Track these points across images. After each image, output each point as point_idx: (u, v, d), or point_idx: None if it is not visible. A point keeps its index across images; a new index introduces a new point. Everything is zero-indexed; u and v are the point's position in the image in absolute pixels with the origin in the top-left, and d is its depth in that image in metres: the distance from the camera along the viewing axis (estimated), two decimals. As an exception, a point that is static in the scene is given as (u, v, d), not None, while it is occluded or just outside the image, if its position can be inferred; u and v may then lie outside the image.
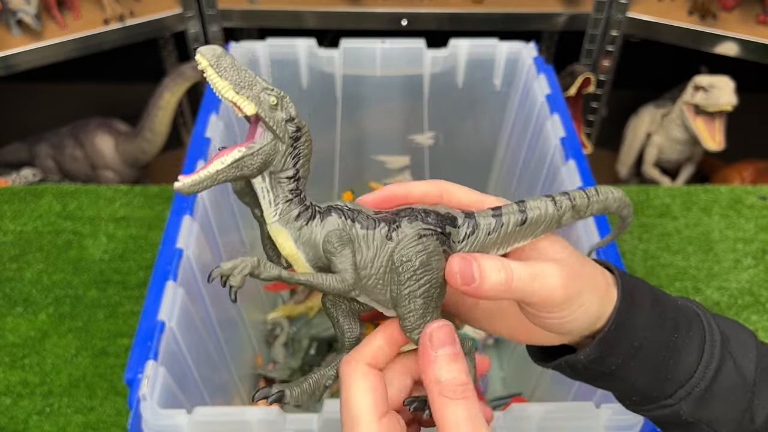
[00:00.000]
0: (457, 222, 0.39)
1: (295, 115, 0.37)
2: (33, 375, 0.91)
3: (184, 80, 1.36)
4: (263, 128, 0.36)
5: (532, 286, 0.37)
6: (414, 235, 0.38)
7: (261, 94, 0.35)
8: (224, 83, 0.34)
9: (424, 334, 0.37)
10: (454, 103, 1.05)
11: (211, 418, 0.55)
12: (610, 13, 1.44)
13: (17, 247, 1.07)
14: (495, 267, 0.37)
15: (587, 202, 0.41)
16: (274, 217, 0.37)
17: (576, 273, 0.38)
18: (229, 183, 0.37)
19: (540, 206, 0.40)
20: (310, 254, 0.37)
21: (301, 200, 0.38)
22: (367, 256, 0.38)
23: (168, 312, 0.61)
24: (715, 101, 1.36)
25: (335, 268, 0.37)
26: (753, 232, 1.11)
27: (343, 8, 1.44)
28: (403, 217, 0.38)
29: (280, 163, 0.37)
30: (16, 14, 1.32)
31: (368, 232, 0.38)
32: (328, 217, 0.38)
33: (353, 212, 0.38)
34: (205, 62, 0.34)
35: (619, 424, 0.55)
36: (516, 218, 0.40)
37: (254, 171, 0.36)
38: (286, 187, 0.37)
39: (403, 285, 0.38)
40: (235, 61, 0.35)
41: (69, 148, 1.47)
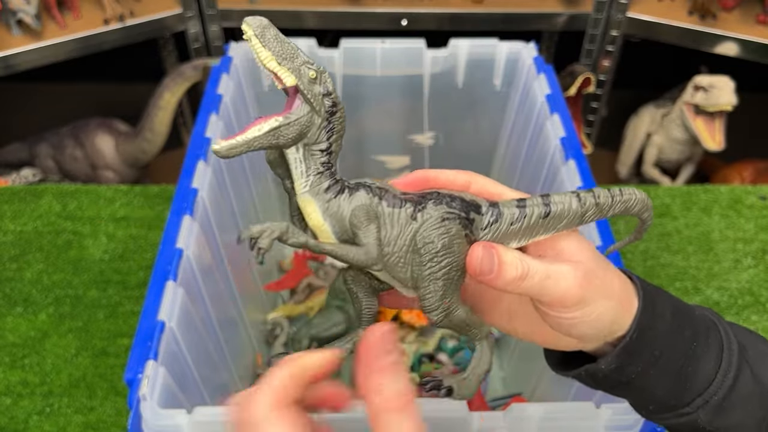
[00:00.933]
0: (481, 209, 0.40)
1: (332, 90, 0.38)
2: (33, 375, 0.91)
3: (184, 80, 1.36)
4: (301, 100, 0.37)
5: (546, 285, 0.37)
6: (438, 217, 0.38)
7: (302, 67, 0.36)
8: (267, 53, 0.35)
9: (363, 341, 0.36)
10: (454, 103, 1.05)
11: (211, 418, 0.54)
12: (610, 13, 1.44)
13: (17, 247, 1.07)
14: (513, 261, 0.38)
15: (611, 201, 0.42)
16: (304, 188, 0.38)
17: (592, 277, 0.38)
18: (258, 154, 0.39)
19: (564, 201, 0.41)
20: (336, 227, 0.38)
21: (332, 174, 0.38)
22: (391, 233, 0.38)
23: (168, 312, 0.61)
24: (715, 101, 1.36)
25: (359, 241, 0.38)
26: (753, 232, 1.11)
27: (343, 8, 1.44)
28: (429, 199, 0.39)
29: (315, 135, 0.37)
30: (16, 14, 1.32)
31: (394, 210, 0.38)
32: (356, 193, 0.38)
33: (381, 190, 0.39)
34: (250, 31, 0.35)
35: (619, 424, 0.55)
36: (539, 211, 0.40)
37: (289, 141, 0.37)
38: (319, 159, 0.38)
39: (425, 266, 0.38)
40: (279, 33, 0.36)
41: (69, 148, 1.47)
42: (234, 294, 0.85)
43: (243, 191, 0.93)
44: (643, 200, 0.42)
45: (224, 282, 0.81)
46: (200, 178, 0.75)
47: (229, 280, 0.83)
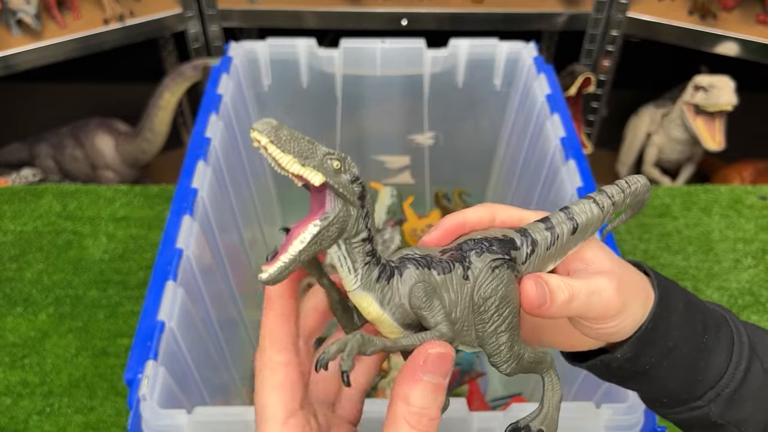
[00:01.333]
0: (516, 243, 0.39)
1: (358, 174, 0.35)
2: (33, 375, 0.91)
3: (184, 80, 1.36)
4: (332, 195, 0.34)
5: (591, 302, 0.37)
6: (487, 269, 0.37)
7: (325, 161, 0.34)
8: (288, 157, 0.33)
9: (422, 350, 0.34)
10: (454, 103, 1.05)
11: (211, 418, 0.55)
12: (610, 13, 1.44)
13: (17, 247, 1.07)
14: (559, 285, 0.37)
15: (623, 196, 0.42)
16: (355, 284, 0.36)
17: (624, 282, 0.38)
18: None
19: (585, 210, 0.41)
20: (396, 314, 0.36)
21: (378, 260, 0.36)
22: (450, 301, 0.37)
23: (168, 312, 0.61)
24: (715, 101, 1.36)
25: (427, 323, 0.36)
26: (753, 232, 1.11)
27: (343, 8, 1.44)
28: (469, 251, 0.38)
29: (354, 227, 0.35)
30: (16, 14, 1.32)
31: (446, 277, 0.37)
32: (405, 271, 0.36)
33: (425, 259, 0.37)
34: (264, 139, 0.32)
35: (619, 424, 0.55)
36: (568, 227, 0.40)
37: (331, 242, 0.35)
38: (363, 250, 0.36)
39: (488, 323, 0.37)
40: (291, 130, 0.34)
41: (69, 148, 1.47)
42: (234, 294, 0.85)
43: (243, 191, 0.93)
44: (646, 185, 0.43)
45: (224, 282, 0.81)
46: (200, 178, 0.75)
47: (229, 280, 0.83)
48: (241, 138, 0.93)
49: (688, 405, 0.40)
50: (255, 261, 0.97)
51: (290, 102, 1.05)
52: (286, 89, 1.02)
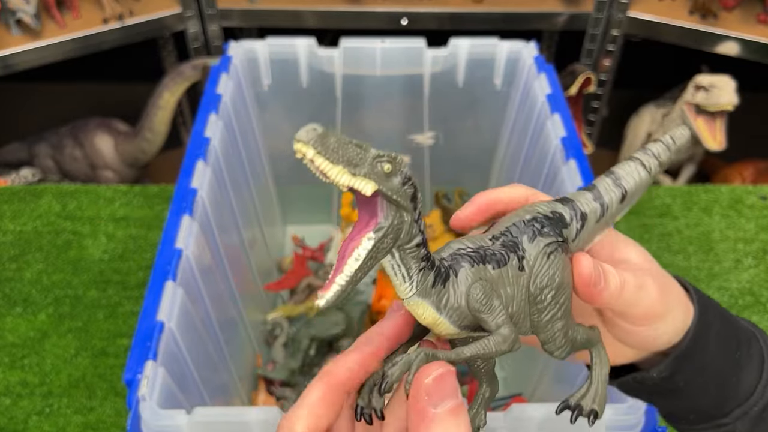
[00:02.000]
0: (566, 219, 0.37)
1: (410, 175, 0.32)
2: (32, 375, 0.91)
3: (183, 80, 1.36)
4: (384, 203, 0.32)
5: (639, 296, 0.36)
6: (542, 256, 0.35)
7: (375, 166, 0.31)
8: (338, 169, 0.30)
9: (418, 383, 0.31)
10: (455, 103, 1.05)
11: (210, 419, 0.54)
12: (610, 12, 1.44)
13: (17, 247, 1.07)
14: (613, 272, 0.35)
15: (669, 154, 0.39)
16: (410, 291, 0.33)
17: (666, 285, 0.37)
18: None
19: (632, 174, 0.38)
20: (454, 316, 0.34)
21: (432, 263, 0.34)
22: (506, 296, 0.35)
23: (167, 312, 0.61)
24: (716, 101, 1.36)
25: (488, 326, 0.34)
26: (753, 232, 1.11)
27: (342, 7, 1.44)
28: (520, 235, 0.36)
29: (408, 233, 0.32)
30: (16, 14, 1.32)
31: (502, 270, 0.35)
32: (459, 270, 0.34)
33: (479, 253, 0.35)
34: (311, 151, 0.29)
35: (619, 424, 0.55)
36: (616, 195, 0.38)
37: (387, 253, 0.32)
38: (417, 255, 0.33)
39: (544, 312, 0.35)
40: (338, 136, 0.30)
41: (68, 148, 1.47)
42: (234, 294, 0.84)
43: (243, 191, 0.93)
44: (689, 136, 0.40)
45: (224, 282, 0.81)
46: (200, 178, 0.75)
47: (228, 280, 0.82)
48: (240, 138, 0.92)
49: (714, 422, 0.39)
50: (255, 261, 0.97)
51: (290, 102, 1.04)
52: (286, 89, 1.02)
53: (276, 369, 0.94)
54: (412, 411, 0.31)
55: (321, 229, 1.17)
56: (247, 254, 0.93)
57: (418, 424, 0.30)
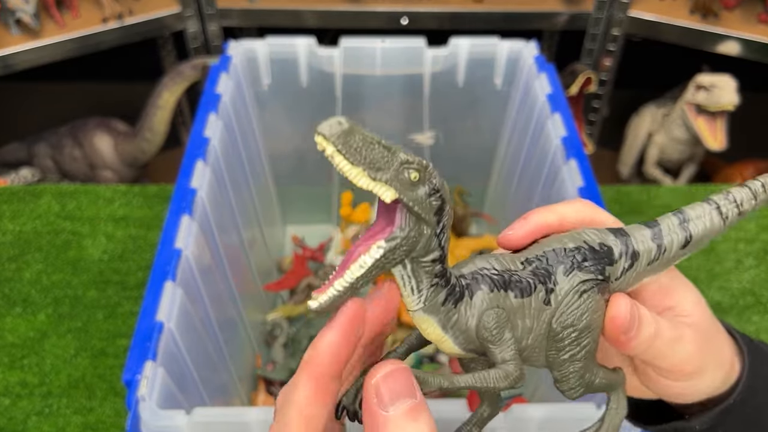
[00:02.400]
0: (614, 256, 0.33)
1: (439, 186, 0.30)
2: (32, 375, 0.90)
3: (183, 80, 1.35)
4: (404, 212, 0.29)
5: (673, 348, 0.33)
6: (574, 292, 0.32)
7: (401, 171, 0.28)
8: (357, 170, 0.27)
9: (368, 383, 0.28)
10: (455, 103, 1.05)
11: (210, 419, 0.54)
12: (611, 12, 1.44)
13: (16, 248, 1.07)
14: (648, 318, 0.32)
15: (754, 203, 0.35)
16: (417, 305, 0.31)
17: (709, 342, 0.34)
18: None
19: (704, 218, 0.34)
20: (460, 338, 0.32)
21: (447, 280, 0.31)
22: (523, 328, 0.32)
23: (167, 312, 0.61)
24: (717, 101, 1.36)
25: (494, 357, 0.31)
26: (754, 232, 1.11)
27: (342, 7, 1.44)
28: (556, 264, 0.33)
29: (425, 247, 0.30)
30: (15, 13, 1.32)
31: (524, 301, 0.32)
32: (477, 292, 0.32)
33: (503, 277, 0.32)
34: (331, 148, 0.27)
35: (621, 425, 0.55)
36: (679, 239, 0.34)
37: (396, 264, 0.30)
38: (432, 271, 0.30)
39: (562, 351, 0.33)
40: (364, 133, 0.28)
41: (68, 148, 1.47)
42: (233, 294, 0.84)
43: (242, 191, 0.93)
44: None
45: (223, 282, 0.81)
46: (199, 178, 0.75)
47: (228, 280, 0.82)
48: (240, 137, 0.92)
49: None
50: (255, 261, 0.97)
51: (290, 101, 1.04)
52: (286, 88, 1.02)
53: (276, 369, 0.94)
54: (364, 416, 0.28)
55: (321, 229, 1.17)
56: (247, 254, 0.93)
57: (371, 428, 0.28)
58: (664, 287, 0.35)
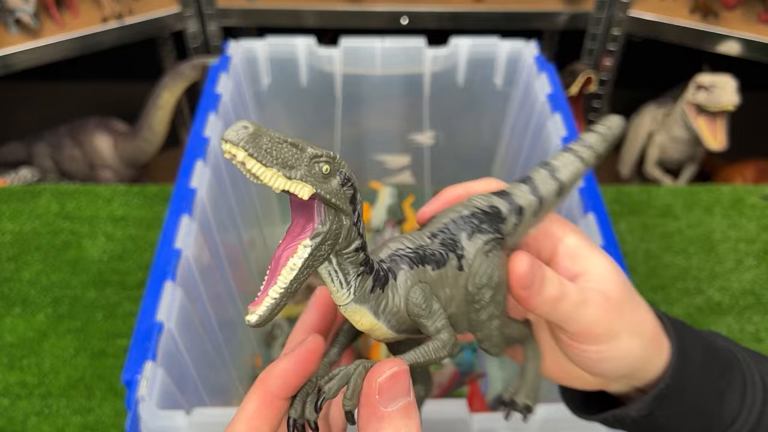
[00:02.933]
0: (502, 213, 0.36)
1: (349, 174, 0.30)
2: (31, 376, 0.90)
3: (182, 79, 1.35)
4: (321, 206, 0.29)
5: (578, 312, 0.34)
6: (480, 255, 0.34)
7: (311, 166, 0.28)
8: (271, 172, 0.27)
9: (370, 380, 0.30)
10: (455, 102, 1.05)
11: (210, 419, 0.54)
12: (611, 11, 1.44)
13: (15, 247, 1.07)
14: (553, 278, 0.34)
15: (606, 145, 0.38)
16: (348, 298, 0.31)
17: (623, 308, 0.35)
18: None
19: (568, 165, 0.37)
20: (392, 321, 0.32)
21: (371, 267, 0.32)
22: (446, 297, 0.33)
23: (166, 312, 0.61)
24: (717, 101, 1.36)
25: (427, 330, 0.32)
26: (755, 232, 1.11)
27: (342, 7, 1.44)
28: (458, 231, 0.34)
29: (347, 238, 0.30)
30: (15, 13, 1.32)
31: (441, 272, 0.33)
32: (399, 273, 0.32)
33: (417, 253, 0.33)
34: (241, 153, 0.26)
35: (622, 425, 0.55)
36: (553, 187, 0.37)
37: (323, 259, 0.30)
38: (356, 260, 0.31)
39: (481, 311, 0.34)
40: (271, 133, 0.27)
41: (67, 148, 1.47)
42: (233, 294, 0.84)
43: (242, 191, 0.93)
44: (621, 124, 0.40)
45: (223, 282, 0.81)
46: (199, 178, 0.75)
47: (228, 280, 0.82)
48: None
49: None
50: (255, 261, 0.97)
51: (290, 101, 1.04)
52: (286, 88, 1.02)
53: (276, 369, 0.94)
54: (363, 410, 0.30)
55: (321, 229, 1.16)
56: (247, 254, 0.93)
57: (368, 422, 0.29)
58: (575, 254, 0.37)
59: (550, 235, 0.38)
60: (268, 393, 0.32)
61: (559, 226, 0.38)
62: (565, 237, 0.37)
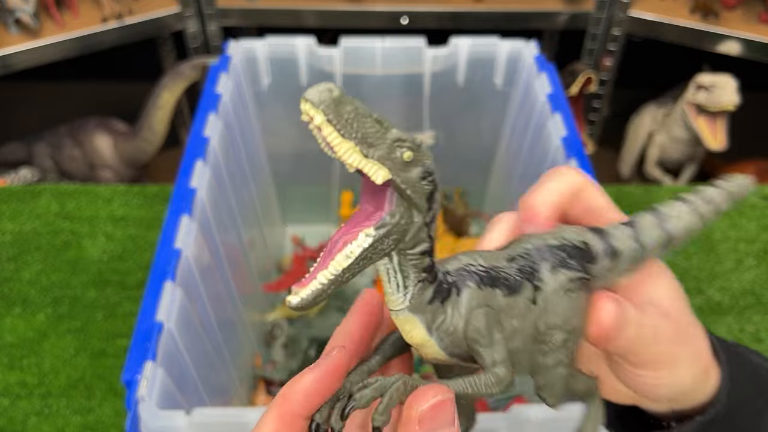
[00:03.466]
0: (594, 254, 0.32)
1: (432, 169, 0.27)
2: (31, 376, 0.90)
3: (182, 79, 1.35)
4: (394, 195, 0.26)
5: (647, 348, 0.32)
6: (560, 290, 0.30)
7: (392, 149, 0.26)
8: (348, 145, 0.25)
9: (414, 406, 0.27)
10: (455, 102, 1.05)
11: (210, 419, 0.54)
12: (611, 11, 1.44)
13: (15, 247, 1.06)
14: (633, 321, 0.31)
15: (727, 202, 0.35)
16: (402, 304, 0.28)
17: (684, 334, 0.33)
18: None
19: (680, 217, 0.33)
20: (446, 341, 0.29)
21: (434, 276, 0.28)
22: (512, 329, 0.30)
23: (166, 313, 0.61)
24: (717, 101, 1.36)
25: (483, 361, 0.29)
26: (755, 232, 1.11)
27: (342, 7, 1.44)
28: (541, 261, 0.31)
29: (414, 237, 0.27)
30: (14, 13, 1.32)
31: (512, 300, 0.29)
32: (464, 289, 0.29)
33: (489, 273, 0.30)
34: (320, 117, 0.24)
35: (622, 425, 0.54)
36: (658, 237, 0.33)
37: (384, 255, 0.27)
38: (420, 265, 0.28)
39: (549, 355, 0.31)
40: (355, 103, 0.25)
41: (67, 148, 1.47)
42: (233, 294, 0.84)
43: (242, 191, 0.93)
44: (748, 185, 0.36)
45: (223, 282, 0.81)
46: (199, 178, 0.74)
47: (228, 280, 0.82)
48: (240, 137, 0.92)
49: None
50: (255, 261, 0.97)
51: (290, 101, 1.04)
52: (286, 88, 1.02)
53: (276, 369, 0.94)
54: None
55: (321, 228, 1.16)
56: (247, 254, 0.93)
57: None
58: (639, 278, 0.34)
59: None
60: (288, 412, 0.29)
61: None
62: None
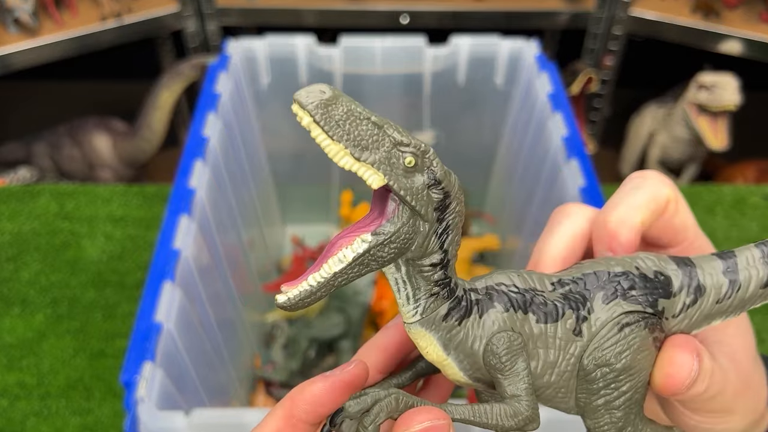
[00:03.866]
0: (672, 288, 0.28)
1: (441, 177, 0.25)
2: (30, 376, 0.90)
3: (182, 79, 1.35)
4: (396, 202, 0.25)
5: (712, 400, 0.29)
6: (613, 325, 0.27)
7: (392, 154, 0.24)
8: (338, 147, 0.24)
9: (398, 428, 0.25)
10: (455, 102, 1.04)
11: (209, 420, 0.54)
12: (612, 11, 1.43)
13: (14, 248, 1.06)
14: (706, 374, 0.28)
15: None
16: (413, 317, 0.27)
17: (748, 384, 0.31)
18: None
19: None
20: (465, 363, 0.27)
21: (451, 291, 0.27)
22: (545, 361, 0.27)
23: (165, 313, 0.60)
24: (719, 100, 1.35)
25: (503, 391, 0.27)
26: (756, 232, 1.11)
27: (342, 5, 1.43)
28: (594, 289, 0.28)
29: (422, 247, 0.26)
30: (13, 12, 1.31)
31: (548, 328, 0.27)
32: (489, 310, 0.27)
33: (523, 296, 0.27)
34: (306, 118, 0.23)
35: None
36: (760, 275, 0.28)
37: (385, 263, 0.26)
38: (431, 277, 0.26)
39: (595, 395, 0.28)
40: (351, 104, 0.24)
41: (66, 148, 1.46)
42: (232, 294, 0.84)
43: (242, 191, 0.92)
44: None
45: (222, 282, 0.80)
46: (198, 178, 0.74)
47: (227, 280, 0.82)
48: (239, 137, 0.92)
49: None
50: (254, 261, 0.96)
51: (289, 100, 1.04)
52: (285, 87, 1.02)
53: (275, 370, 0.93)
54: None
55: (321, 228, 1.16)
56: (246, 254, 0.93)
57: None
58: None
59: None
60: (294, 416, 0.28)
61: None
62: None
